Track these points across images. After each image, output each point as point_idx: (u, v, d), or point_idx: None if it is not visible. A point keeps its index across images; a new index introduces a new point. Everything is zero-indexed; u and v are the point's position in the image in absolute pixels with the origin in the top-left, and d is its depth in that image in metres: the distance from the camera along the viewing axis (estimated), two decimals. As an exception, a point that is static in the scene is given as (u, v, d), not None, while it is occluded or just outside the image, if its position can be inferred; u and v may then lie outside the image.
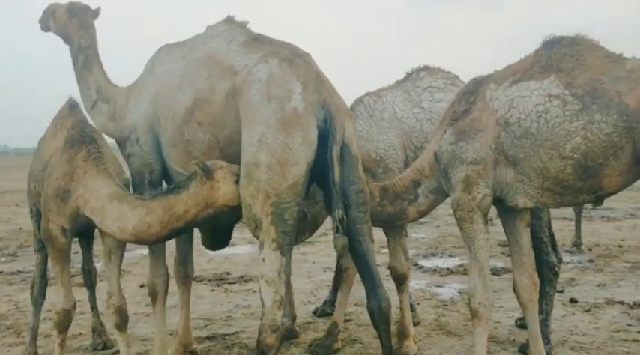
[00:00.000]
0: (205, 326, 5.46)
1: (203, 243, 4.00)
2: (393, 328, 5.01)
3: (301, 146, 3.32)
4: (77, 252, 5.38)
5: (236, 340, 5.05)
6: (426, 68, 5.03)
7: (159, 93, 3.94)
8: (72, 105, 4.29)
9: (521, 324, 5.11)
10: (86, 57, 4.66)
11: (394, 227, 4.45)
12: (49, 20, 4.83)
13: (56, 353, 3.83)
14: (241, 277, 7.35)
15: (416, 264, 7.82)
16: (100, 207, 3.53)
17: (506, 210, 3.68)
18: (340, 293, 4.89)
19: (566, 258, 7.90)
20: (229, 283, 7.08)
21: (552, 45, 3.41)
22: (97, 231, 3.88)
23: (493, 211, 3.77)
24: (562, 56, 3.33)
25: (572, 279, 7.03)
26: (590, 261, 8.08)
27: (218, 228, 3.79)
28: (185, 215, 3.37)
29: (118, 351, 4.17)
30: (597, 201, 3.38)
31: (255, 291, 6.70)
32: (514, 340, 4.80)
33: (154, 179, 4.06)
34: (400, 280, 4.71)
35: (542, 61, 3.39)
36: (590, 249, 8.86)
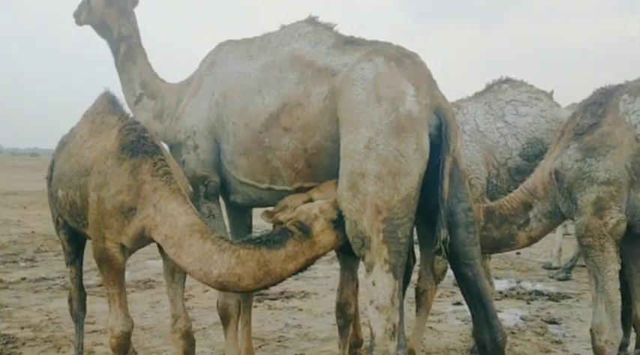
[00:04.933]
0: (260, 347, 5.06)
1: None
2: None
3: (415, 154, 2.94)
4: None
5: (297, 365, 4.66)
6: (508, 80, 4.72)
7: (226, 96, 3.58)
8: (112, 100, 3.68)
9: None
10: (129, 46, 4.36)
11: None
12: (83, 12, 4.51)
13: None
14: (282, 293, 6.94)
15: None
16: (177, 238, 3.03)
17: (631, 237, 3.31)
18: (417, 318, 4.50)
19: None
20: (270, 299, 6.66)
21: None
22: None
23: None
24: None
25: None
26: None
27: None
28: (282, 273, 2.98)
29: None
30: None
31: (301, 310, 6.32)
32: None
33: (210, 191, 3.69)
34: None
35: None
36: None
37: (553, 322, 5.80)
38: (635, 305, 3.47)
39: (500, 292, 7.21)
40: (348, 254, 3.96)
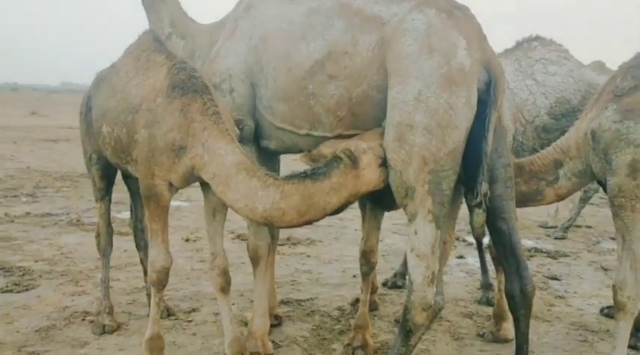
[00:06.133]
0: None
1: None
2: (489, 309, 4.84)
3: (464, 108, 2.97)
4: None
5: (314, 307, 4.80)
6: (537, 38, 4.71)
7: (266, 40, 3.53)
8: (157, 39, 3.68)
9: (608, 313, 4.95)
10: None
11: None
12: None
13: (153, 312, 3.48)
14: (288, 239, 7.05)
15: (464, 240, 7.60)
16: (224, 176, 3.07)
17: None
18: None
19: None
20: (278, 245, 6.75)
21: None
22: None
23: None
24: None
25: None
26: None
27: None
28: (325, 207, 2.99)
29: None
30: None
31: (309, 256, 6.45)
32: (608, 330, 4.61)
33: (245, 135, 3.68)
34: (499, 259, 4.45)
35: None
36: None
37: (554, 278, 6.00)
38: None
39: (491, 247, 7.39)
40: (377, 204, 4.06)
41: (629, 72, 3.35)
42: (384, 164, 3.05)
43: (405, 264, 5.61)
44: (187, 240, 6.68)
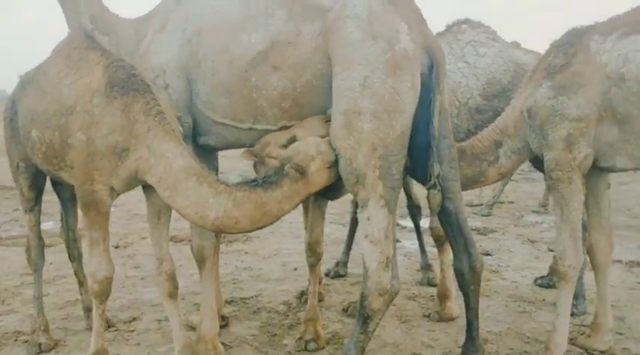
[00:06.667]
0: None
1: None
2: (431, 290, 4.92)
3: (409, 92, 3.00)
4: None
5: (259, 304, 4.71)
6: (467, 21, 4.80)
7: (202, 33, 3.39)
8: (89, 35, 3.43)
9: (541, 283, 5.17)
10: None
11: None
12: None
13: (96, 325, 3.28)
14: (224, 237, 6.84)
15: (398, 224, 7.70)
16: (172, 180, 2.94)
17: (591, 171, 3.56)
18: None
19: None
20: (213, 243, 6.59)
21: None
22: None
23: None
24: None
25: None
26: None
27: None
28: (278, 213, 2.97)
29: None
30: None
31: (247, 253, 6.32)
32: (544, 299, 4.81)
33: (184, 132, 3.53)
34: (441, 240, 4.54)
35: None
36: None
37: (487, 254, 6.20)
38: (590, 234, 3.76)
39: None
40: (322, 196, 4.01)
41: (560, 49, 3.46)
42: (334, 164, 3.04)
43: (346, 252, 5.62)
44: (117, 247, 6.36)
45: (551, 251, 6.32)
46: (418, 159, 3.24)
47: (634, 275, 5.30)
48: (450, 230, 3.37)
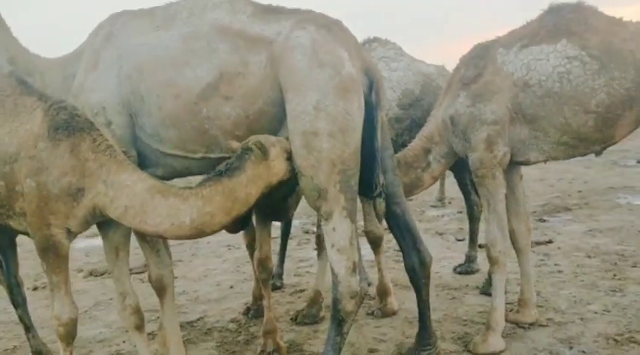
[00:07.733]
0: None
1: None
2: (372, 289, 5.23)
3: (358, 111, 3.29)
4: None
5: (207, 325, 4.79)
6: (376, 39, 5.23)
7: (141, 69, 3.45)
8: (21, 80, 3.36)
9: (461, 271, 5.71)
10: None
11: None
12: None
13: (66, 370, 3.22)
14: (145, 266, 6.70)
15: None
16: (139, 204, 2.99)
17: (509, 166, 4.05)
18: (320, 263, 4.89)
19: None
20: (137, 273, 6.43)
21: (557, 11, 3.82)
22: None
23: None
24: (569, 21, 3.73)
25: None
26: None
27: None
28: (248, 198, 3.06)
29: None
30: (601, 151, 3.94)
31: (176, 277, 6.22)
32: (467, 285, 5.33)
33: None
34: (377, 242, 4.89)
35: (549, 26, 3.76)
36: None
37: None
38: (509, 220, 4.26)
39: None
40: (267, 216, 4.24)
41: (471, 62, 3.95)
42: (289, 157, 3.21)
43: (280, 265, 5.81)
44: (36, 289, 6.06)
45: (460, 241, 6.99)
46: (362, 172, 3.55)
47: (536, 254, 5.99)
48: (399, 231, 3.71)
